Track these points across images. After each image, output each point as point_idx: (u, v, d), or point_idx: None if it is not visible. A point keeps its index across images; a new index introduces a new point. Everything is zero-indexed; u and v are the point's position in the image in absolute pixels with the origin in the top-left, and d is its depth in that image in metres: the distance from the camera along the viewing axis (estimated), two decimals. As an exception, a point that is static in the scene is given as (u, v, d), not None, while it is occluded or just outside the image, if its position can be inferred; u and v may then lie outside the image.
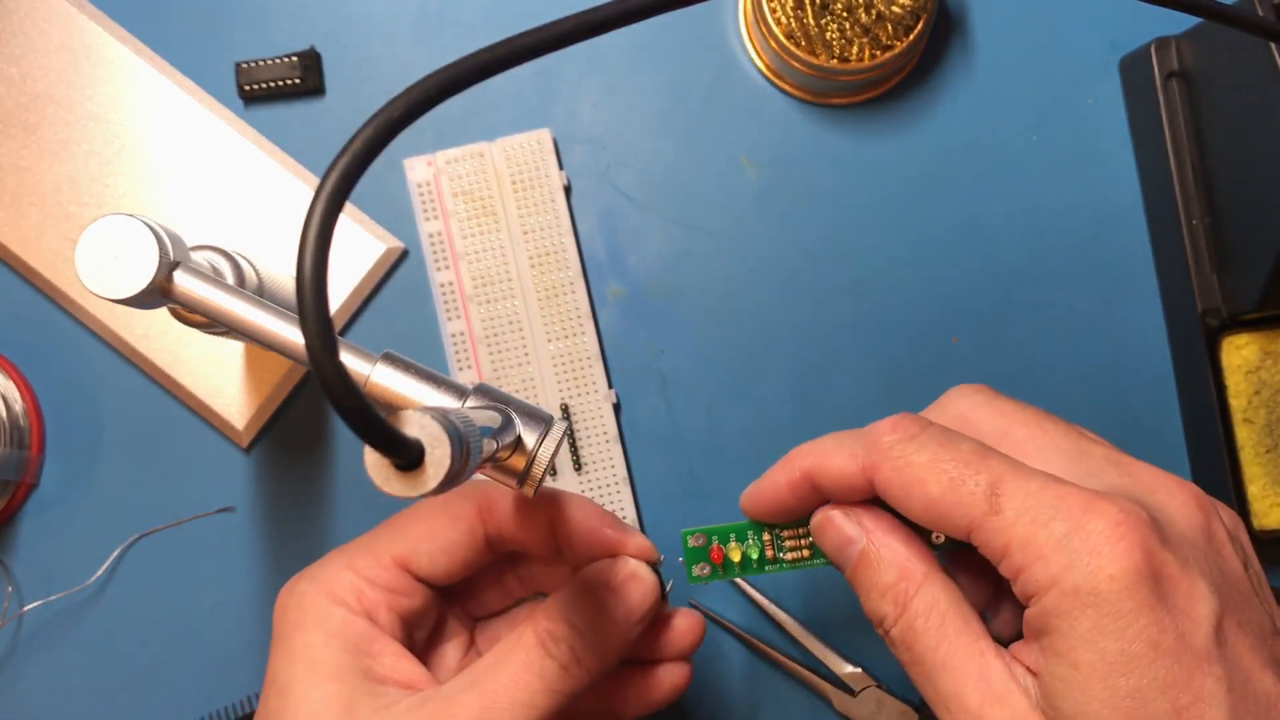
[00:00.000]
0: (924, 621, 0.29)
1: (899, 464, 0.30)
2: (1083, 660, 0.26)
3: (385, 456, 0.23)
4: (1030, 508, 0.28)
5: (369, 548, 0.34)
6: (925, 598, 0.30)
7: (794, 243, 0.46)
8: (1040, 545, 0.27)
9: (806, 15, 0.43)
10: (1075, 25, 0.47)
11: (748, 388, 0.46)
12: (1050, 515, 0.27)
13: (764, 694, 0.45)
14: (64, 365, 0.46)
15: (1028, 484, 0.28)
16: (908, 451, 0.30)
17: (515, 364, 0.45)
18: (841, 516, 0.32)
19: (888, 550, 0.31)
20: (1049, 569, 0.27)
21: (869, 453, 0.31)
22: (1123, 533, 0.26)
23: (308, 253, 0.21)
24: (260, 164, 0.45)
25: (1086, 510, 0.27)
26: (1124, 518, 0.27)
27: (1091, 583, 0.26)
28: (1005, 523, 0.28)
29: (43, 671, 0.45)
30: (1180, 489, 0.29)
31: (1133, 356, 0.46)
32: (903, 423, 0.31)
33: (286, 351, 0.31)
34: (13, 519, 0.46)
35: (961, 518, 0.29)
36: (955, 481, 0.29)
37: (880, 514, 0.32)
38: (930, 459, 0.30)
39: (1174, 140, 0.44)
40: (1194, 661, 0.26)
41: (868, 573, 0.31)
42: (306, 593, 0.34)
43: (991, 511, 0.28)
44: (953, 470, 0.29)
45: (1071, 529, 0.27)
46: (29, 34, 0.45)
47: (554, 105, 0.47)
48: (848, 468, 0.31)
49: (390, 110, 0.22)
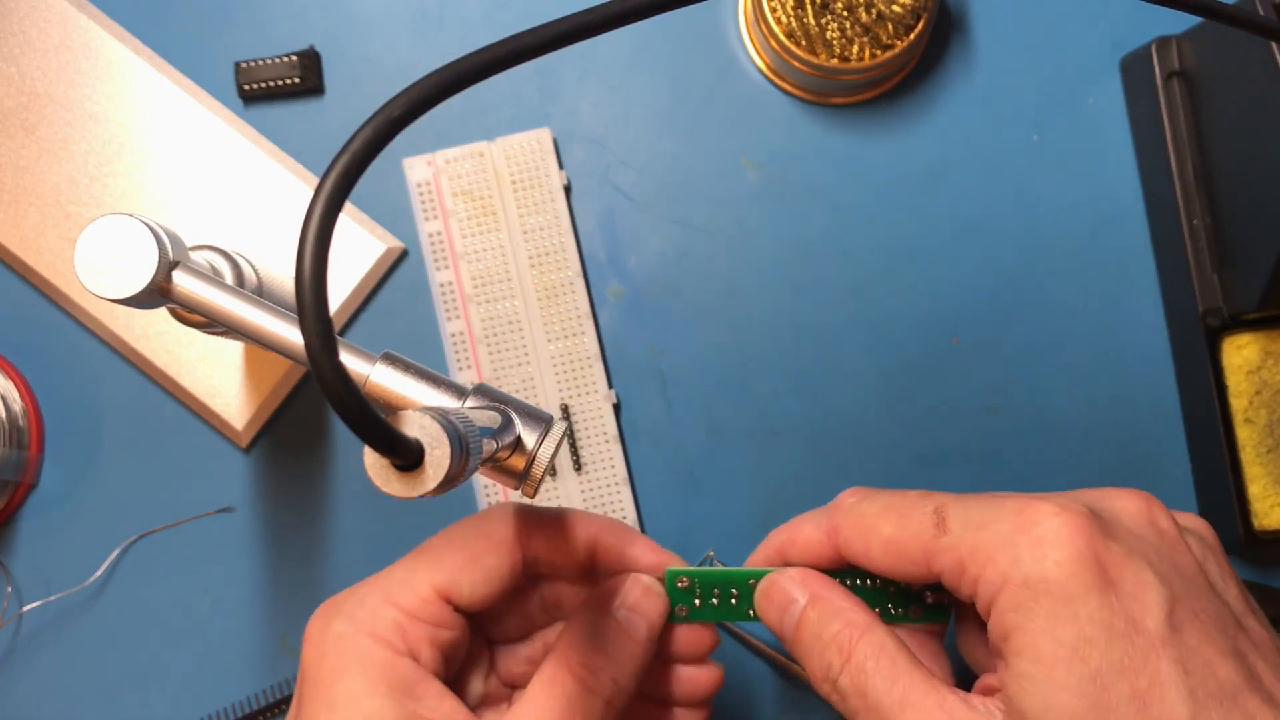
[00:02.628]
0: (874, 662, 0.30)
1: (854, 519, 0.32)
2: (1044, 651, 0.27)
3: (385, 457, 0.23)
4: (973, 519, 0.29)
5: (407, 581, 0.32)
6: (872, 640, 0.30)
7: (794, 243, 0.46)
8: (988, 548, 0.28)
9: (807, 14, 0.43)
10: (1076, 25, 0.47)
11: (748, 388, 0.46)
12: (992, 519, 0.29)
13: (764, 694, 0.45)
14: (63, 365, 0.46)
15: (967, 501, 0.30)
16: (862, 507, 0.32)
17: (515, 364, 0.45)
18: (785, 579, 0.33)
19: (829, 605, 0.32)
20: (999, 567, 0.28)
21: (830, 517, 0.33)
22: (1063, 520, 0.28)
23: (307, 252, 0.21)
24: (260, 164, 0.45)
25: (1024, 509, 0.28)
26: (1061, 510, 0.28)
27: (1039, 570, 0.27)
28: (954, 539, 0.29)
29: (43, 671, 0.45)
30: (1126, 492, 0.30)
31: (1133, 356, 0.46)
32: (859, 489, 0.34)
33: (286, 351, 0.31)
34: (12, 519, 0.45)
35: (916, 549, 0.30)
36: (903, 517, 0.31)
37: (823, 577, 0.33)
38: (882, 506, 0.32)
39: (1175, 140, 0.44)
40: (1147, 645, 0.26)
41: (811, 627, 0.32)
42: (345, 634, 0.31)
43: (940, 533, 0.29)
44: (901, 509, 0.31)
45: (1014, 528, 0.28)
46: (28, 33, 0.45)
47: (554, 105, 0.47)
48: (813, 536, 0.33)
49: (390, 110, 0.22)
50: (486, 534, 0.33)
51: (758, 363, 0.46)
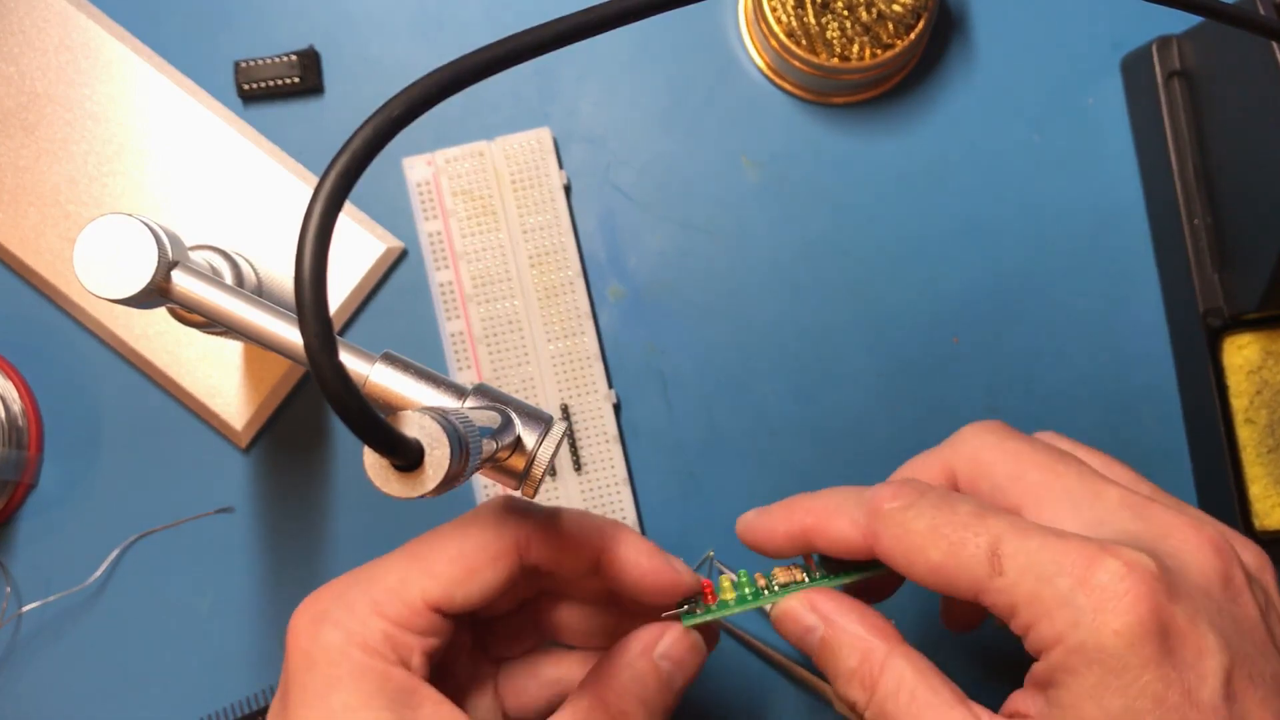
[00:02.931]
0: (894, 703, 0.29)
1: (898, 533, 0.30)
2: (1087, 716, 0.26)
3: (384, 457, 0.23)
4: (1033, 565, 0.27)
5: (399, 592, 0.31)
6: (891, 677, 0.30)
7: (794, 242, 0.46)
8: (1045, 602, 0.27)
9: (807, 14, 0.43)
10: (1076, 24, 0.47)
11: (748, 388, 0.46)
12: (1054, 571, 0.27)
13: (764, 694, 0.45)
14: (62, 365, 0.46)
15: (1028, 542, 0.28)
16: (906, 519, 0.30)
17: (515, 364, 0.45)
18: (798, 608, 0.32)
19: (846, 635, 0.31)
20: (1054, 626, 0.27)
21: (870, 520, 0.31)
22: (1128, 587, 0.26)
23: (307, 252, 0.21)
24: (259, 163, 0.45)
25: (1090, 564, 0.27)
26: (1128, 571, 0.26)
27: (1096, 639, 0.26)
28: (1008, 583, 0.28)
29: (42, 671, 0.45)
30: (1197, 533, 0.29)
31: (1134, 356, 0.46)
32: (902, 490, 0.31)
33: (285, 351, 0.31)
34: (11, 519, 0.45)
35: (966, 582, 0.29)
36: (955, 546, 0.29)
37: (837, 597, 0.32)
38: (929, 526, 0.30)
39: (1175, 139, 0.44)
40: (1200, 716, 0.26)
41: (832, 659, 0.31)
42: (334, 644, 0.30)
43: (995, 573, 0.28)
44: (952, 535, 0.29)
45: (1075, 584, 0.27)
46: (27, 33, 0.45)
47: (554, 104, 0.47)
48: (848, 533, 0.32)
49: (389, 109, 0.22)
50: (484, 545, 0.32)
51: (758, 363, 0.46)
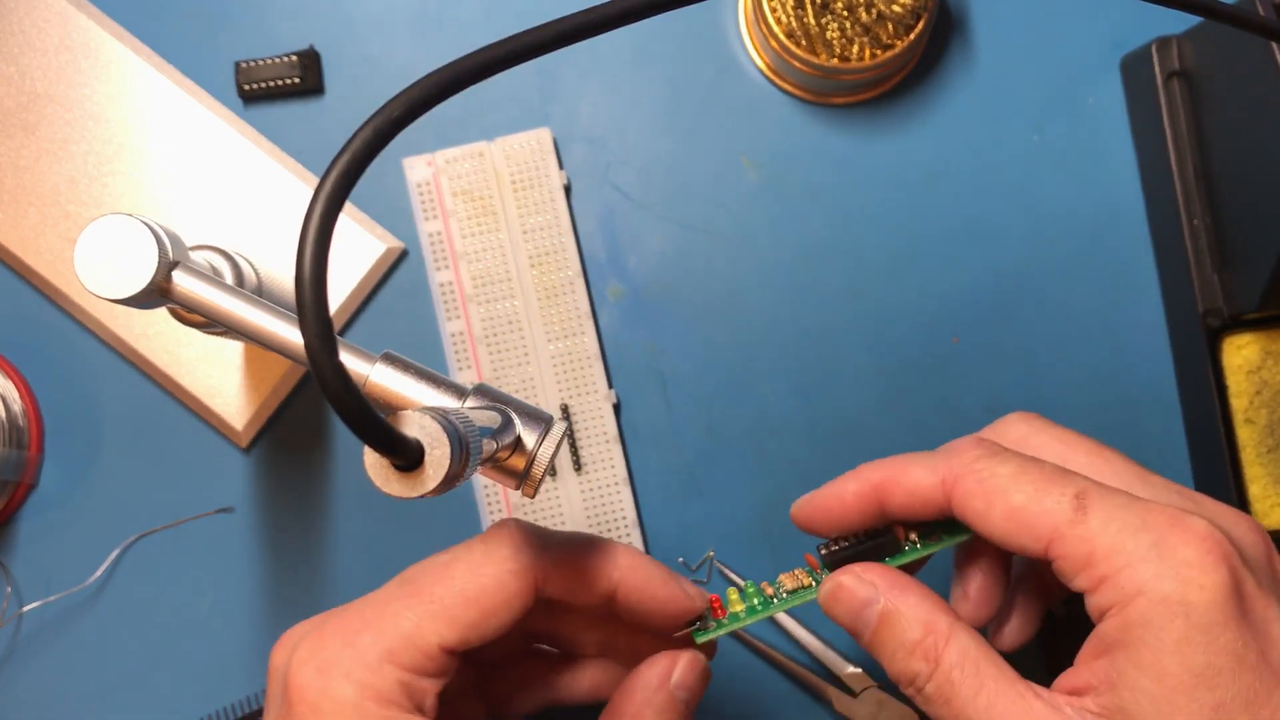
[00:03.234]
0: (960, 672, 0.29)
1: (983, 474, 0.30)
2: (1169, 671, 0.26)
3: (385, 457, 0.23)
4: (1117, 517, 0.28)
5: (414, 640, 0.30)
6: (956, 648, 0.29)
7: (794, 242, 0.46)
8: (1129, 553, 0.27)
9: (807, 14, 0.43)
10: (1076, 25, 0.47)
11: (748, 388, 0.46)
12: (1138, 525, 0.28)
13: (764, 695, 0.45)
14: (63, 365, 0.46)
15: (1113, 497, 0.28)
16: (993, 464, 0.30)
17: (515, 364, 0.45)
18: (854, 580, 0.32)
19: (908, 606, 0.30)
20: (1137, 576, 0.27)
21: (951, 466, 0.31)
22: (1210, 547, 0.27)
23: (307, 252, 0.21)
24: (259, 164, 0.45)
25: (1174, 525, 0.27)
26: (1210, 535, 0.27)
27: (1182, 592, 0.26)
28: (1090, 531, 0.28)
29: (42, 671, 0.45)
30: (1244, 519, 0.30)
31: (1134, 356, 0.46)
32: (984, 442, 0.31)
33: (286, 351, 0.31)
34: (12, 519, 0.45)
35: (1044, 526, 0.29)
36: (1040, 491, 0.29)
37: (891, 572, 0.32)
38: (1015, 470, 0.30)
39: (1175, 139, 0.44)
40: (1274, 679, 0.26)
41: (891, 632, 0.31)
42: (347, 698, 0.29)
43: (1078, 520, 0.28)
44: (1038, 479, 0.29)
45: (1159, 539, 0.27)
46: (28, 33, 0.45)
47: (554, 105, 0.47)
48: (925, 480, 0.31)
49: (390, 110, 0.22)
50: (502, 584, 0.31)
51: (758, 363, 0.46)
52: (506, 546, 0.32)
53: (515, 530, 0.32)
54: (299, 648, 0.30)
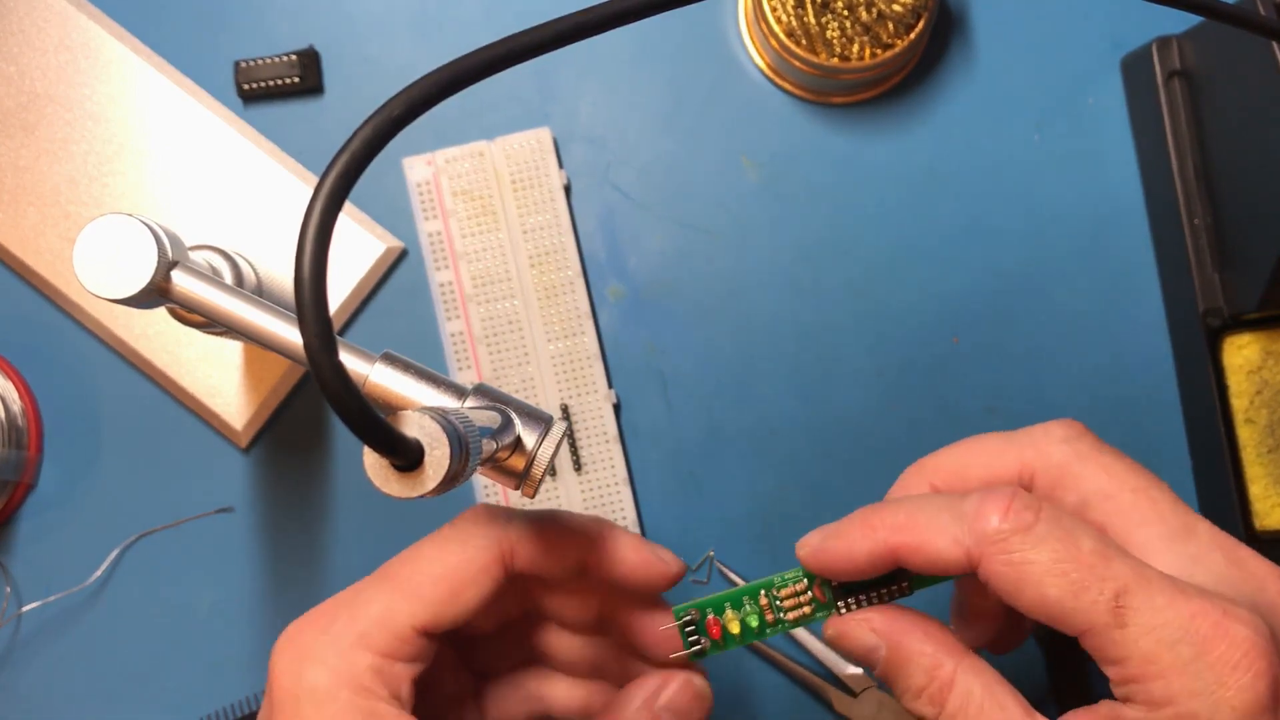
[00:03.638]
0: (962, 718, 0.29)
1: (1014, 559, 0.28)
2: None
3: (384, 457, 0.23)
4: (1158, 625, 0.27)
5: (385, 623, 0.30)
6: (959, 693, 0.29)
7: (794, 242, 0.46)
8: (1164, 665, 0.27)
9: (807, 14, 0.43)
10: (1076, 24, 0.47)
11: (748, 388, 0.46)
12: (1177, 637, 0.27)
13: (764, 694, 0.45)
14: (62, 365, 0.46)
15: (1155, 599, 0.27)
16: (1024, 546, 0.28)
17: (515, 364, 0.45)
18: (856, 631, 0.31)
19: (911, 653, 0.30)
20: (1169, 689, 0.26)
21: (977, 541, 0.29)
22: (1250, 662, 0.26)
23: (307, 252, 0.21)
24: (259, 163, 0.45)
25: (1215, 633, 0.26)
26: (1252, 645, 0.26)
27: (1213, 713, 0.26)
28: (1128, 637, 0.27)
29: (42, 671, 0.45)
30: None
31: (1134, 356, 0.46)
32: (1015, 507, 0.29)
33: (285, 351, 0.31)
34: (11, 519, 0.45)
35: (1079, 624, 0.28)
36: (1076, 587, 0.27)
37: (893, 615, 0.31)
38: (1051, 559, 0.28)
39: (1175, 139, 0.44)
40: None
41: (897, 676, 0.30)
42: (321, 685, 0.29)
43: (1116, 625, 0.27)
44: (1074, 574, 0.27)
45: (1199, 654, 0.26)
46: (27, 32, 0.45)
47: (553, 104, 0.47)
48: (949, 553, 0.29)
49: (390, 109, 0.22)
50: (468, 559, 0.31)
51: (758, 363, 0.46)
52: (472, 524, 0.32)
53: (481, 510, 0.33)
54: (281, 637, 0.31)
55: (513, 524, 0.32)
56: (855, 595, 0.32)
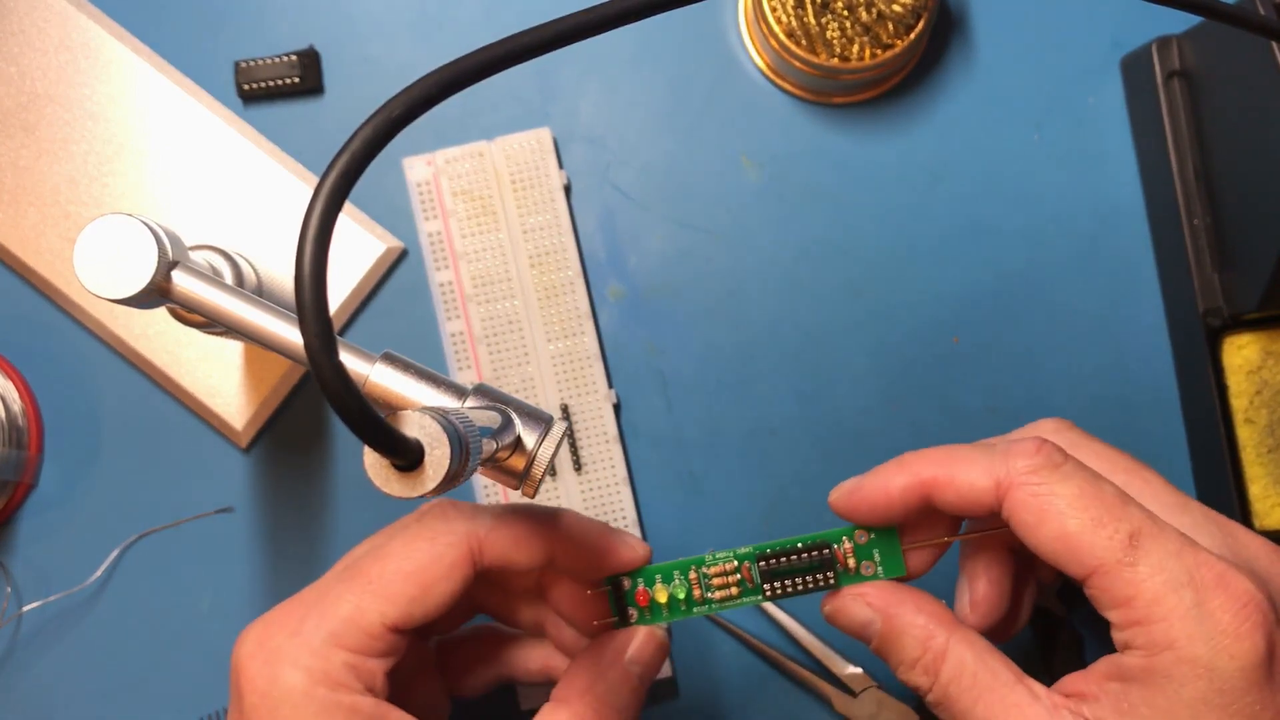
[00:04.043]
0: (956, 687, 0.30)
1: (1040, 490, 0.30)
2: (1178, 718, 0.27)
3: (385, 457, 0.23)
4: (1166, 567, 0.28)
5: (356, 621, 0.30)
6: (952, 663, 0.30)
7: (794, 242, 0.46)
8: (1169, 608, 0.28)
9: (807, 14, 0.43)
10: (1076, 24, 0.47)
11: (748, 388, 0.46)
12: (1184, 580, 0.28)
13: (764, 694, 0.45)
14: (62, 365, 0.46)
15: (1168, 543, 0.28)
16: (1053, 480, 0.30)
17: (515, 364, 0.45)
18: (852, 605, 0.33)
19: (904, 625, 0.31)
20: (1171, 632, 0.27)
21: (1009, 472, 0.30)
22: (1249, 613, 0.27)
23: (307, 252, 0.21)
24: (259, 164, 0.45)
25: (1218, 585, 0.28)
26: (1250, 599, 0.27)
27: (1212, 657, 0.27)
28: (1138, 576, 0.28)
29: (42, 672, 0.45)
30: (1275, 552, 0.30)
31: (1134, 356, 0.46)
32: (1046, 447, 0.30)
33: (285, 351, 0.31)
34: (11, 519, 0.45)
35: (1091, 559, 0.29)
36: (1096, 522, 0.29)
37: (887, 589, 0.32)
38: (1076, 492, 0.29)
39: (1175, 139, 0.44)
40: None
41: (891, 650, 0.32)
42: (296, 685, 0.29)
43: (1127, 562, 0.28)
44: (1095, 510, 0.29)
45: (1201, 600, 0.27)
46: (28, 33, 0.45)
47: (553, 104, 0.47)
48: (980, 483, 0.31)
49: (390, 109, 0.22)
50: (437, 556, 0.31)
51: (758, 363, 0.46)
52: (439, 520, 0.32)
53: (447, 505, 0.33)
54: (245, 641, 0.31)
55: (479, 519, 0.33)
56: (782, 580, 0.34)
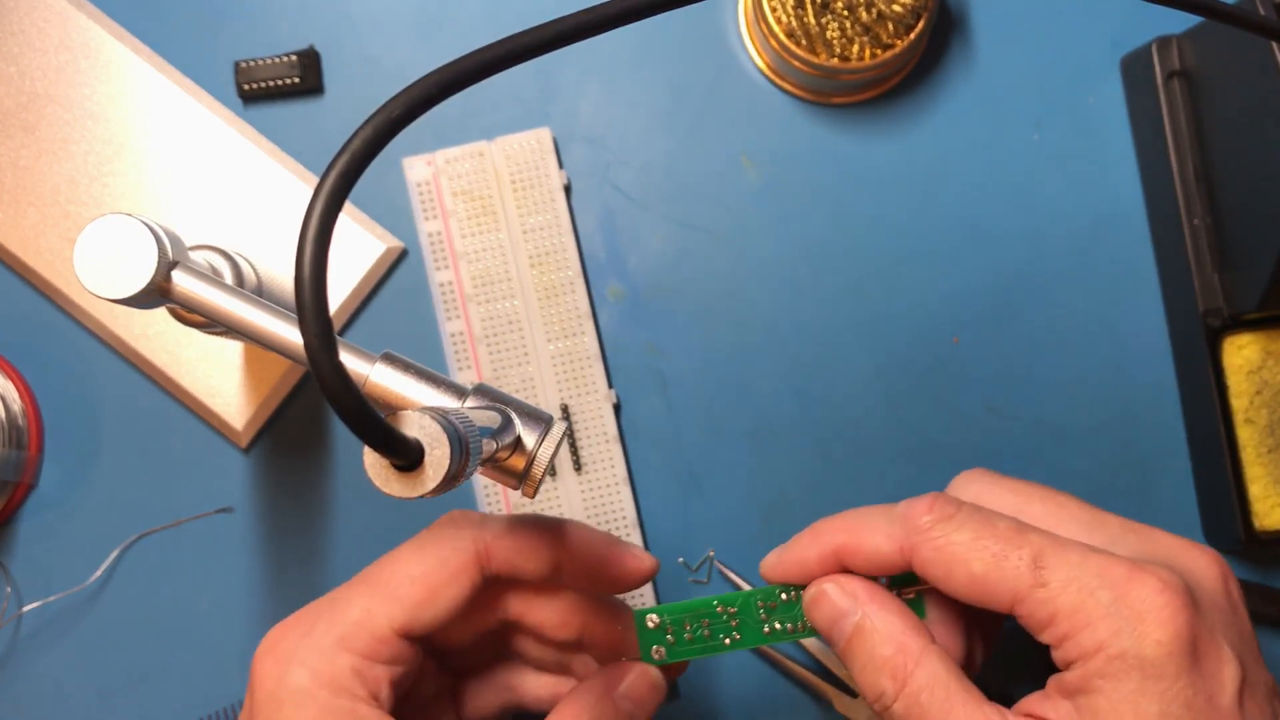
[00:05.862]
0: (929, 695, 0.30)
1: (940, 543, 0.31)
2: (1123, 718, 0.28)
3: (385, 457, 0.23)
4: (1075, 578, 0.29)
5: (364, 625, 0.31)
6: (926, 671, 0.30)
7: (794, 242, 0.46)
8: (1088, 613, 0.28)
9: (807, 14, 0.43)
10: (1076, 24, 0.47)
11: (748, 388, 0.46)
12: (1096, 584, 0.29)
13: (764, 695, 0.45)
14: (62, 365, 0.46)
15: (1069, 555, 0.29)
16: (948, 531, 0.31)
17: (515, 364, 0.45)
18: (836, 590, 0.33)
19: (883, 623, 0.32)
20: (1096, 635, 0.28)
21: (907, 534, 0.32)
22: (1166, 599, 0.28)
23: (307, 252, 0.21)
24: (259, 164, 0.45)
25: (1130, 579, 0.29)
26: (1165, 586, 0.28)
27: (1138, 648, 0.28)
28: (1051, 594, 0.29)
29: (42, 672, 0.45)
30: (1202, 554, 0.31)
31: (1134, 357, 0.46)
32: (938, 503, 0.32)
33: (285, 351, 0.31)
34: (11, 519, 0.45)
35: (1006, 592, 0.30)
36: (998, 557, 0.30)
37: (875, 588, 0.33)
38: (971, 537, 0.30)
39: (1175, 139, 0.44)
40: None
41: (864, 645, 0.32)
42: (301, 686, 0.30)
43: (1037, 584, 0.29)
44: (994, 547, 0.30)
45: (1117, 597, 0.28)
46: (28, 32, 0.45)
47: (554, 104, 0.47)
48: (883, 548, 0.32)
49: (390, 109, 0.22)
50: (444, 560, 0.32)
51: (758, 363, 0.46)
52: (448, 528, 0.33)
53: (457, 515, 0.34)
54: (264, 641, 0.32)
55: (487, 526, 0.33)
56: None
